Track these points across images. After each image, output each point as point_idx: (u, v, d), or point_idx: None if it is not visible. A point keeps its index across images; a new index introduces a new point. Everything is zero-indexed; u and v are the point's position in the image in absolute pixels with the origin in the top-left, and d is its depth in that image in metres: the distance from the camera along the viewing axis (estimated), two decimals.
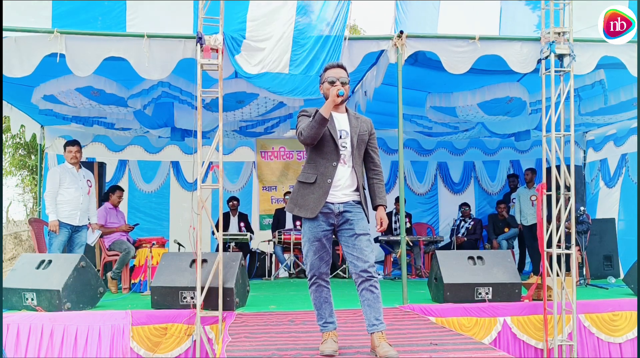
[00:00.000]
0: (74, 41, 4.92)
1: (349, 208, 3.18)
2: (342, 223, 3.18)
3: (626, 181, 8.00)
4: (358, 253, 3.11)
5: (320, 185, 3.15)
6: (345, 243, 3.18)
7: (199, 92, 4.63)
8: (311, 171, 3.19)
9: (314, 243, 3.18)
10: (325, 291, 3.25)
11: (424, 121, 7.82)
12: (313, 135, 3.09)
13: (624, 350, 4.99)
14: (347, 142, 3.21)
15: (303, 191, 3.19)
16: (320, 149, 3.18)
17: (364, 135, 3.28)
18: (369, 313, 3.12)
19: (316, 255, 3.19)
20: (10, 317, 4.37)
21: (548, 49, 5.02)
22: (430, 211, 9.88)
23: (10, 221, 13.82)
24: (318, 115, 3.06)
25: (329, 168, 3.16)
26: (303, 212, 3.17)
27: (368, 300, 3.11)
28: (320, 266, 3.21)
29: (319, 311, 3.27)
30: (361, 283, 3.12)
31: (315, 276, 3.23)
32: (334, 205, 3.16)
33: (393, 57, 5.24)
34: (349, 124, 3.24)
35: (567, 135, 5.05)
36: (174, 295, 4.69)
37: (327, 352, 3.12)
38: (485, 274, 5.01)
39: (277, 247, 7.98)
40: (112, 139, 8.97)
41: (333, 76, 3.24)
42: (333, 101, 3.08)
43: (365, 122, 3.33)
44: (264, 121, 7.55)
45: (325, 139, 3.15)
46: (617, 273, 7.25)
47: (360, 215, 3.19)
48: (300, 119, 3.26)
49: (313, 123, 3.07)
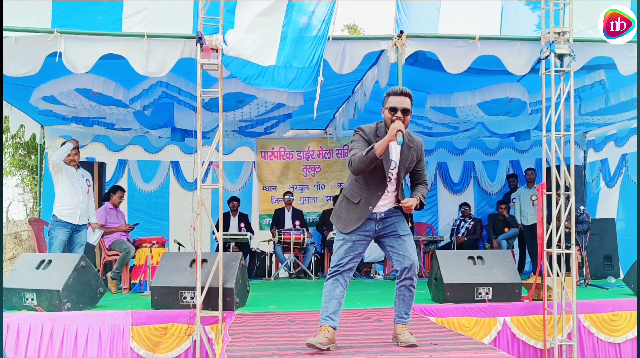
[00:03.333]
0: (74, 41, 4.91)
1: (390, 213, 3.32)
2: (385, 227, 3.31)
3: (625, 181, 8.00)
4: (404, 252, 3.26)
5: (362, 208, 3.26)
6: (390, 245, 3.30)
7: (199, 92, 4.62)
8: (357, 192, 3.29)
9: (348, 242, 3.28)
10: (340, 288, 3.27)
11: (424, 121, 7.81)
12: (363, 170, 3.16)
13: (624, 350, 4.99)
14: (393, 173, 3.29)
15: (347, 207, 3.31)
16: (370, 174, 3.24)
17: (412, 166, 3.35)
18: (401, 306, 3.31)
19: (346, 254, 3.27)
20: (10, 316, 4.37)
21: (548, 49, 5.02)
22: (430, 211, 9.87)
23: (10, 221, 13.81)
24: (372, 153, 3.08)
25: (373, 195, 3.26)
26: (340, 225, 3.31)
27: (404, 295, 3.29)
28: (347, 263, 3.27)
29: (325, 305, 3.27)
30: (403, 279, 3.26)
31: (338, 272, 3.27)
32: (376, 213, 3.29)
33: (393, 57, 5.24)
34: (400, 156, 3.29)
35: (567, 135, 5.05)
36: (174, 295, 4.69)
37: (310, 341, 3.12)
38: (485, 274, 5.01)
39: (277, 247, 7.98)
40: (112, 139, 8.97)
41: (396, 104, 3.21)
42: (389, 140, 3.09)
43: (416, 150, 3.35)
44: (263, 120, 7.55)
45: (375, 169, 3.21)
46: (617, 273, 7.25)
47: (402, 218, 3.35)
48: (354, 138, 3.30)
49: (365, 158, 3.10)
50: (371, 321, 4.25)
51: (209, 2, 4.70)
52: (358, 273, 8.00)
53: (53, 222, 5.82)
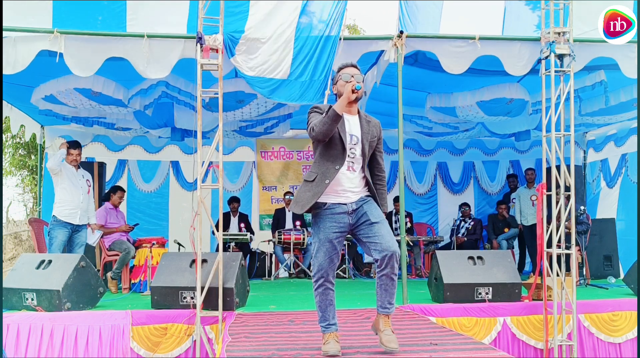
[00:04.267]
0: (74, 41, 4.92)
1: (361, 202, 3.17)
2: (358, 218, 3.14)
3: (625, 181, 8.00)
4: (380, 239, 3.06)
5: (317, 184, 3.11)
6: (365, 234, 3.12)
7: (199, 92, 4.63)
8: (313, 170, 3.17)
9: (324, 244, 3.13)
10: (330, 293, 3.20)
11: (424, 121, 7.82)
12: (325, 131, 3.02)
13: (624, 350, 4.99)
14: (357, 149, 3.16)
15: (302, 188, 3.18)
16: (327, 150, 3.13)
17: (374, 141, 3.24)
18: (383, 296, 3.13)
19: (326, 256, 3.14)
20: (10, 316, 4.37)
21: (548, 49, 5.02)
22: (430, 211, 9.88)
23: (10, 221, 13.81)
24: (332, 111, 2.99)
25: (330, 169, 3.11)
26: (295, 207, 3.15)
27: (385, 285, 3.11)
28: (329, 268, 3.16)
29: (323, 314, 3.21)
30: (384, 268, 3.07)
31: (323, 278, 3.16)
32: (347, 205, 3.14)
33: (393, 57, 5.24)
34: (360, 129, 3.19)
35: (567, 135, 5.05)
36: (174, 295, 4.69)
37: (331, 352, 3.08)
38: (485, 274, 5.01)
39: (277, 247, 7.97)
40: (112, 139, 8.97)
41: (348, 73, 3.18)
42: (347, 97, 3.01)
43: (375, 127, 3.28)
44: (263, 121, 7.55)
45: (333, 141, 3.11)
46: (617, 273, 7.25)
47: (373, 205, 3.18)
48: (311, 115, 3.20)
49: (326, 119, 3.00)
50: (371, 321, 4.24)
51: (209, 2, 4.70)
52: (358, 273, 8.00)
53: (53, 222, 5.82)
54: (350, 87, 3.01)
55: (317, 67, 5.14)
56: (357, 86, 3.02)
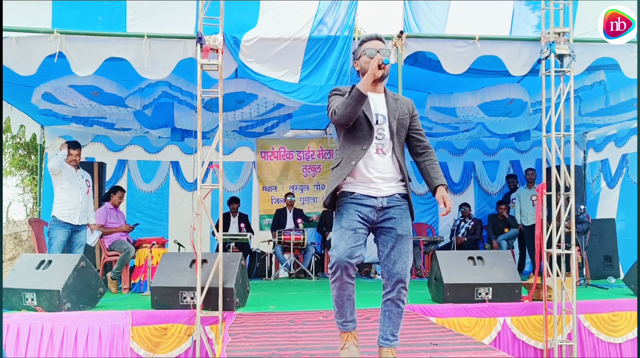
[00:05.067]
0: (74, 41, 4.91)
1: (394, 203, 2.78)
2: (384, 220, 2.77)
3: (626, 181, 8.00)
4: (396, 256, 2.73)
5: (343, 167, 2.77)
6: (384, 243, 2.78)
7: (199, 92, 4.63)
8: (338, 155, 2.84)
9: (346, 232, 2.72)
10: (350, 288, 2.77)
11: (424, 122, 7.81)
12: (348, 114, 2.68)
13: (624, 350, 4.99)
14: (384, 128, 2.80)
15: (332, 177, 2.83)
16: (352, 133, 2.79)
17: (404, 119, 2.86)
18: (387, 325, 2.78)
19: (348, 246, 2.69)
20: (10, 317, 4.37)
21: (548, 49, 5.02)
22: (430, 211, 9.87)
23: (10, 221, 13.81)
24: (355, 91, 2.63)
25: (357, 151, 2.75)
26: (327, 193, 2.82)
27: (390, 312, 2.77)
28: (349, 259, 2.69)
29: (339, 310, 2.81)
30: (390, 292, 2.76)
31: (340, 270, 2.70)
32: (377, 199, 2.75)
33: (393, 57, 5.24)
34: (387, 108, 2.83)
35: (567, 135, 5.05)
36: (174, 295, 4.69)
37: None
38: (485, 274, 5.01)
39: (277, 247, 7.97)
40: (112, 139, 8.97)
41: (372, 47, 2.79)
42: (373, 74, 2.64)
43: (405, 104, 2.92)
44: (263, 121, 7.55)
45: (358, 123, 2.76)
46: (617, 273, 7.25)
47: (405, 213, 2.80)
48: (331, 98, 2.87)
49: (349, 100, 2.66)
50: (371, 321, 4.25)
51: (209, 2, 4.70)
52: (358, 273, 8.00)
53: (52, 222, 5.82)
54: (376, 62, 2.63)
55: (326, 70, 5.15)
56: (384, 59, 2.65)
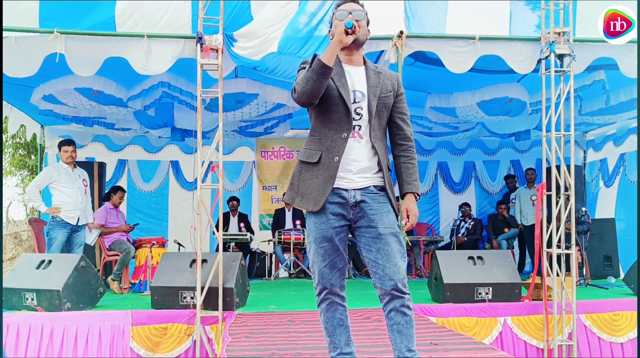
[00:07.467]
0: (74, 41, 4.90)
1: (369, 197, 2.34)
2: (360, 218, 2.34)
3: (623, 180, 8.00)
4: (384, 260, 2.29)
5: (326, 166, 2.31)
6: (367, 247, 2.33)
7: (199, 92, 4.63)
8: (314, 147, 2.36)
9: (322, 245, 2.33)
10: (340, 310, 2.45)
11: (424, 121, 7.82)
12: (309, 91, 2.21)
13: (626, 350, 4.98)
14: (363, 107, 2.34)
15: (305, 175, 2.38)
16: (326, 115, 2.33)
17: (387, 97, 2.41)
18: (399, 341, 2.33)
19: (325, 261, 2.34)
20: (10, 317, 4.37)
21: (548, 49, 5.02)
22: (431, 211, 9.88)
23: (10, 221, 13.82)
24: (316, 62, 2.17)
25: (336, 141, 2.31)
26: (305, 203, 2.35)
27: (398, 325, 2.33)
28: (332, 276, 2.36)
29: (331, 338, 2.45)
30: (389, 301, 2.33)
31: (326, 290, 2.38)
32: (349, 192, 2.32)
33: (393, 57, 5.23)
34: (367, 83, 2.37)
35: (567, 135, 5.05)
36: (174, 295, 4.68)
37: None
38: (485, 274, 5.01)
39: (277, 247, 7.98)
40: (112, 139, 8.97)
41: (345, 9, 2.36)
42: (339, 40, 2.17)
43: (390, 79, 2.45)
44: (263, 121, 7.56)
45: (333, 103, 2.31)
46: (617, 273, 7.25)
47: (385, 207, 2.35)
48: (298, 73, 2.39)
49: (310, 74, 2.19)
50: (371, 321, 4.25)
51: (209, 2, 4.70)
52: (358, 273, 8.00)
53: (52, 223, 5.80)
54: (342, 25, 2.16)
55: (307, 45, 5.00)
56: (348, 22, 2.16)
